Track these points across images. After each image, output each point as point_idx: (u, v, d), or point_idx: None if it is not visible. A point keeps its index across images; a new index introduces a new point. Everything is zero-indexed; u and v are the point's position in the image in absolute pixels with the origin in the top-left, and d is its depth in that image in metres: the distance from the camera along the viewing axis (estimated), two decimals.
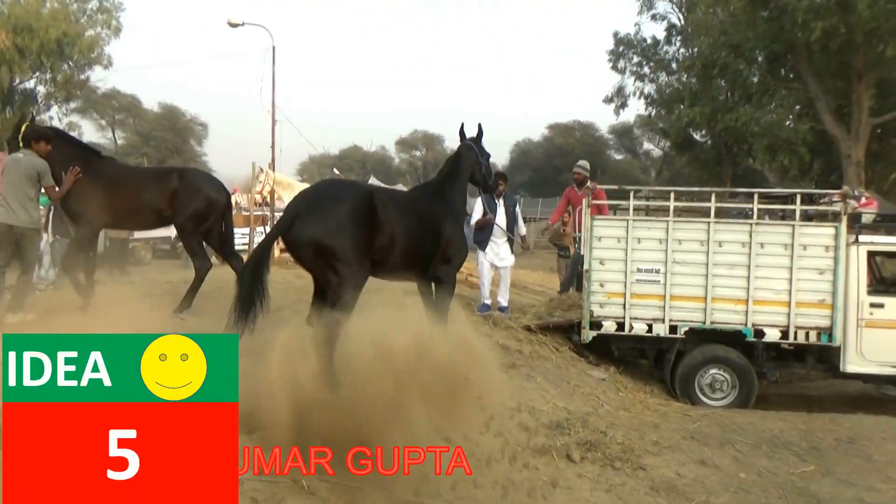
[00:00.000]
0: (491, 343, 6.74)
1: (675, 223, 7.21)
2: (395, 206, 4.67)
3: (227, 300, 7.12)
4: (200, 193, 6.66)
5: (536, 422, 5.41)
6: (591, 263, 7.30)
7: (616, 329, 7.28)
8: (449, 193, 5.21)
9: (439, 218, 4.96)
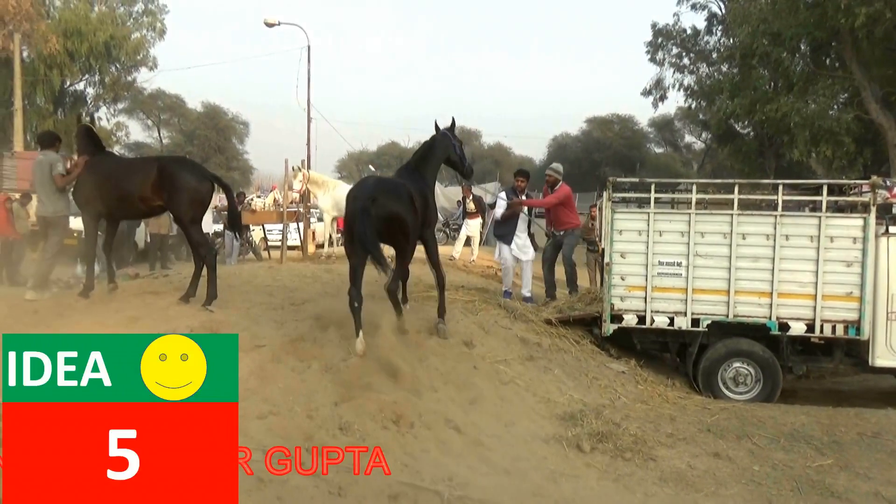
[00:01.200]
0: (510, 336, 6.83)
1: (697, 215, 7.15)
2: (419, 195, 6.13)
3: (254, 293, 7.40)
4: (180, 182, 6.65)
5: (550, 412, 5.49)
6: (611, 257, 7.30)
7: (637, 322, 7.26)
8: (423, 171, 6.57)
9: (423, 192, 6.27)
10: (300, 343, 5.47)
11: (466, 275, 12.33)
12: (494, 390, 5.56)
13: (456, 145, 6.82)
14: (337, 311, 6.63)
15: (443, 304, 6.54)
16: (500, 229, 8.79)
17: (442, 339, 6.19)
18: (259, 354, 5.18)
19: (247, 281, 8.45)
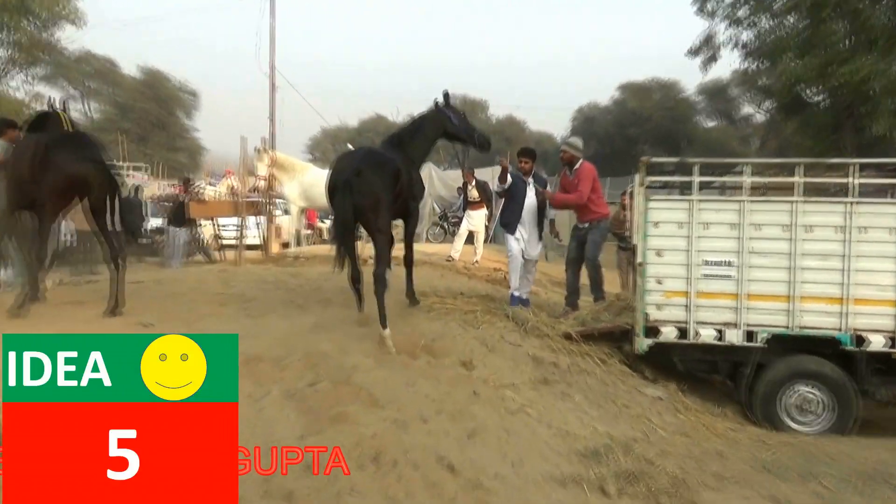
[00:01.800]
0: (520, 354, 6.88)
1: (751, 203, 7.19)
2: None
3: (202, 303, 7.45)
4: (53, 163, 6.81)
5: (568, 448, 5.52)
6: (645, 255, 7.33)
7: (678, 336, 7.30)
8: (408, 150, 7.65)
9: (408, 169, 7.36)
10: (257, 364, 5.51)
11: (468, 279, 12.37)
12: (499, 421, 5.59)
13: (452, 116, 7.78)
14: (305, 325, 6.69)
15: (411, 283, 8.05)
16: (505, 217, 8.84)
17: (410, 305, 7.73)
18: None
19: (194, 288, 8.50)
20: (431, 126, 8.04)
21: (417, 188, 7.82)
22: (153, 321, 6.74)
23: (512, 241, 8.81)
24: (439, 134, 8.12)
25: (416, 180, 7.82)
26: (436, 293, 8.88)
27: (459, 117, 8.11)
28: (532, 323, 7.64)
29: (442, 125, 8.03)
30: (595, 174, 8.90)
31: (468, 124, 8.24)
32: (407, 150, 7.72)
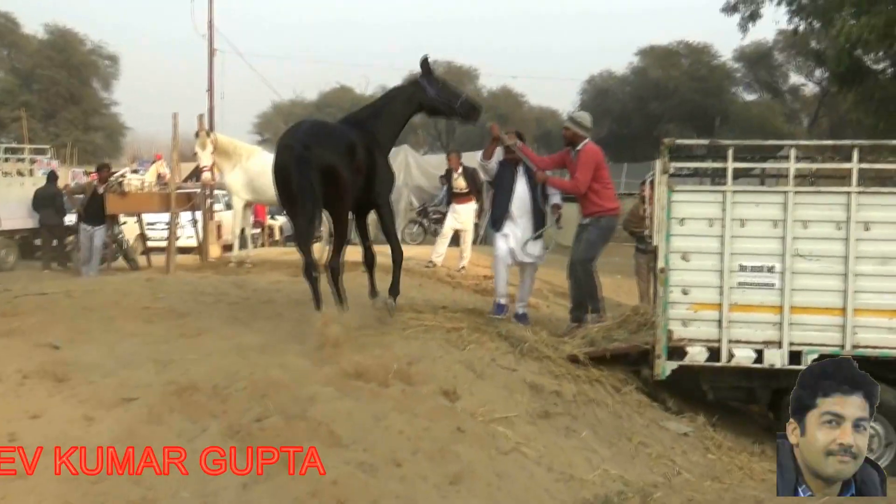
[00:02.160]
0: (514, 381, 6.91)
1: (797, 195, 7.28)
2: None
3: (124, 319, 7.44)
4: None
5: (573, 496, 5.56)
6: (668, 259, 7.41)
7: (708, 358, 7.38)
8: (374, 128, 8.06)
9: (370, 148, 7.81)
10: (192, 394, 5.51)
11: (452, 289, 12.43)
12: (489, 463, 5.61)
13: (428, 87, 8.24)
14: (251, 346, 6.71)
15: (397, 281, 8.38)
16: (494, 211, 8.96)
17: (386, 312, 8.08)
18: (129, 412, 5.20)
19: (114, 301, 8.47)
20: (401, 101, 8.46)
21: (384, 175, 8.15)
22: (61, 342, 6.72)
23: (499, 239, 8.87)
24: (412, 109, 8.49)
25: (383, 166, 8.14)
26: (413, 307, 8.91)
27: (438, 87, 8.40)
28: (530, 343, 7.68)
29: (415, 99, 8.40)
30: (600, 159, 8.89)
31: (450, 92, 8.53)
32: (369, 129, 8.04)
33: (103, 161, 20.04)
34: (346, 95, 56.13)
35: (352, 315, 7.64)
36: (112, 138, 50.47)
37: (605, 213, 8.89)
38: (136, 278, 11.19)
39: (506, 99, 54.84)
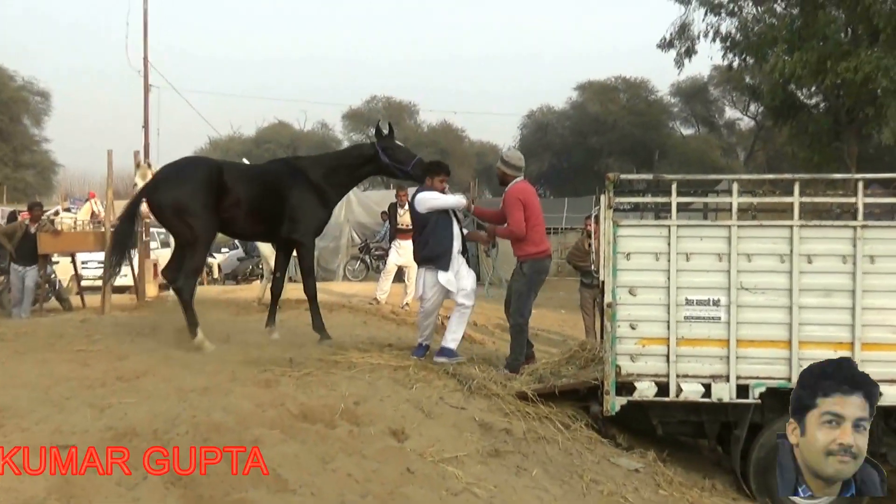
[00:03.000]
0: (464, 419, 6.87)
1: (741, 229, 7.37)
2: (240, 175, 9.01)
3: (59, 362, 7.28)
4: None
5: None
6: (615, 293, 7.44)
7: (657, 393, 7.39)
8: (310, 167, 9.31)
9: (285, 186, 9.01)
10: (131, 441, 5.37)
11: (397, 326, 12.38)
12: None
13: (381, 152, 9.19)
14: (193, 388, 6.58)
15: (317, 316, 9.35)
16: (430, 247, 8.64)
17: (323, 344, 8.81)
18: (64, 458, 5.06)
19: (48, 343, 8.29)
20: (354, 156, 9.69)
21: (303, 215, 9.11)
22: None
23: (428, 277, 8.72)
24: (367, 168, 9.56)
25: (303, 206, 9.10)
26: (358, 345, 8.84)
27: (393, 152, 9.27)
28: (478, 380, 7.65)
29: (367, 159, 9.43)
30: (526, 196, 8.68)
31: (403, 155, 9.34)
32: (298, 172, 9.22)
33: (35, 199, 19.59)
34: (284, 131, 56.08)
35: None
36: (43, 175, 49.64)
37: (531, 257, 8.67)
38: (70, 319, 10.96)
39: (446, 134, 55.25)
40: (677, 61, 29.85)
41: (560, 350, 9.99)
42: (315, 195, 9.16)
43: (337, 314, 12.50)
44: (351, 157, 9.72)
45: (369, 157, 9.36)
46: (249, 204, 8.82)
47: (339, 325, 11.21)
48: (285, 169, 9.38)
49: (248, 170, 10.15)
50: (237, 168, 9.55)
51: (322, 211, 9.30)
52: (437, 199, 8.61)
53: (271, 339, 9.13)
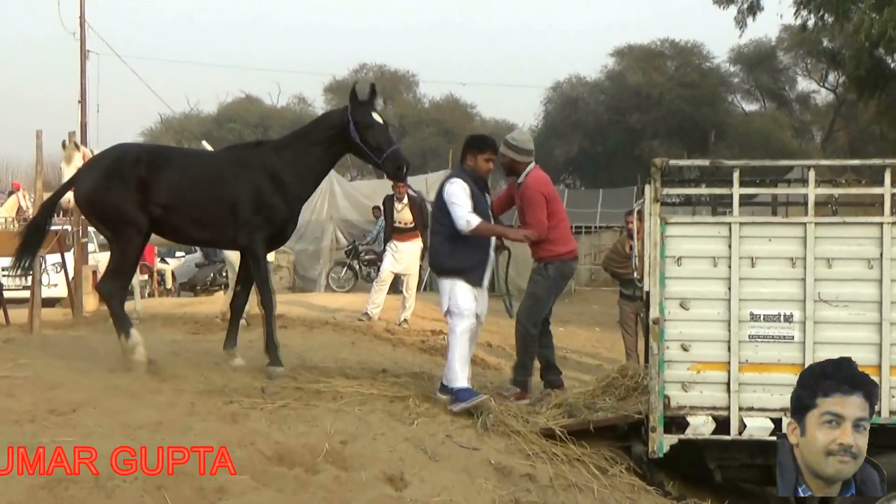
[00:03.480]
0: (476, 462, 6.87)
1: (819, 227, 7.36)
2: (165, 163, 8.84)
3: None
4: None
5: None
6: (663, 307, 7.43)
7: (715, 430, 7.37)
8: (272, 149, 9.11)
9: (228, 179, 8.73)
10: (68, 487, 5.40)
11: (393, 347, 12.37)
12: None
13: (351, 125, 8.66)
14: (144, 423, 6.60)
15: (270, 336, 8.82)
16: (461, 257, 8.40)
17: (270, 379, 8.31)
18: None
19: None
20: (320, 131, 9.11)
21: (249, 210, 8.75)
22: None
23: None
24: (334, 143, 8.98)
25: (250, 198, 8.76)
26: (345, 371, 8.85)
27: (368, 130, 8.70)
28: (494, 414, 7.64)
29: (335, 133, 8.91)
30: (548, 189, 8.86)
31: (383, 138, 8.77)
32: (264, 156, 9.01)
33: None
34: (252, 107, 56.18)
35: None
36: None
37: (559, 258, 8.86)
38: None
39: (452, 110, 55.19)
40: (738, 20, 29.77)
41: (595, 377, 9.99)
42: (269, 189, 8.81)
43: (318, 333, 12.51)
44: (320, 130, 9.11)
45: (337, 130, 8.87)
46: (181, 201, 8.79)
47: (320, 346, 11.22)
48: (235, 156, 9.24)
49: (186, 157, 9.81)
50: (170, 155, 9.49)
51: (280, 209, 8.90)
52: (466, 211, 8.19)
53: (233, 367, 8.91)
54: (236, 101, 57.51)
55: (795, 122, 52.20)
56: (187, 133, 50.35)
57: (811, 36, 31.91)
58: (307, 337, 10.30)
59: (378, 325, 14.17)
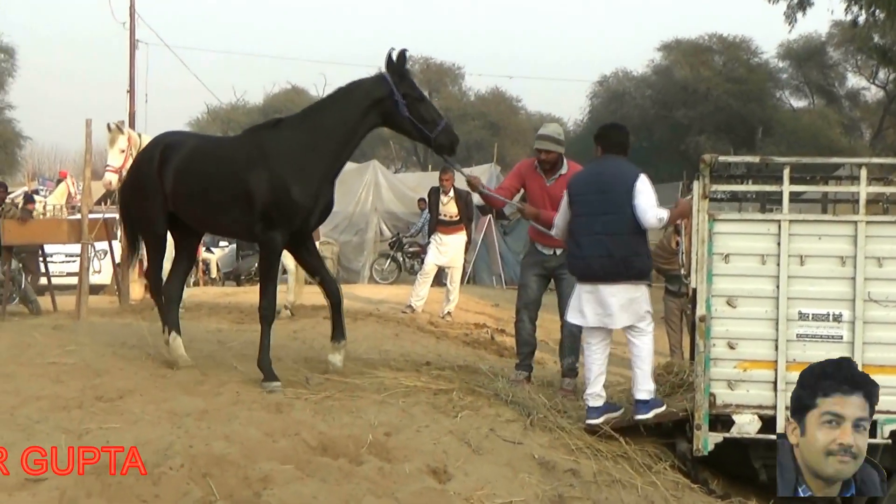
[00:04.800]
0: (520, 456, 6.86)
1: (869, 225, 7.30)
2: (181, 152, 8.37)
3: (26, 378, 7.39)
4: None
5: None
6: (710, 305, 7.39)
7: (760, 429, 7.33)
8: (281, 134, 8.15)
9: (243, 166, 7.97)
10: (112, 474, 5.44)
11: (436, 340, 12.39)
12: None
13: (396, 93, 7.86)
14: (190, 411, 6.64)
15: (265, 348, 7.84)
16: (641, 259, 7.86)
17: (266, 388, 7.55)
18: (36, 496, 5.14)
19: (13, 355, 8.38)
20: (351, 102, 8.08)
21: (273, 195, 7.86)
22: None
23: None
24: (366, 116, 8.07)
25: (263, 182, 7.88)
26: (389, 363, 8.86)
27: (412, 97, 8.01)
28: (539, 409, 7.63)
29: (372, 102, 8.01)
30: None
31: (433, 113, 8.20)
32: (285, 133, 8.15)
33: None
34: (298, 98, 56.24)
35: None
36: (6, 150, 50.20)
37: None
38: (39, 326, 11.05)
39: (497, 105, 55.12)
40: (788, 15, 29.58)
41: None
42: (289, 178, 7.87)
43: (362, 324, 12.53)
44: (351, 101, 8.08)
45: (375, 102, 7.97)
46: (196, 190, 8.21)
47: (364, 337, 11.25)
48: (251, 140, 8.30)
49: (203, 142, 9.23)
50: (186, 141, 8.80)
51: (301, 201, 7.96)
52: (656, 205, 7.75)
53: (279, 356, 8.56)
54: (283, 93, 57.74)
55: (844, 119, 51.59)
56: (234, 124, 50.53)
57: (862, 32, 31.64)
58: (351, 329, 10.29)
59: (422, 317, 14.18)
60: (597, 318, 7.66)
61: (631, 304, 7.59)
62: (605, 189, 7.63)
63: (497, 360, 11.24)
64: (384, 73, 7.99)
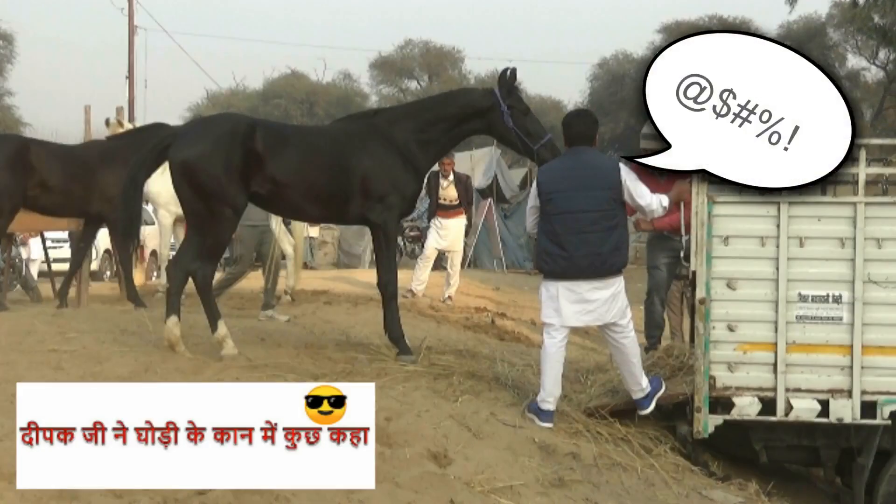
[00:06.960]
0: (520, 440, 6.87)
1: (869, 207, 7.29)
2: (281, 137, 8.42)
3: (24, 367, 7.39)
4: None
5: None
6: (710, 287, 7.39)
7: (760, 411, 7.34)
8: (386, 125, 8.65)
9: (349, 151, 8.44)
10: None
11: (437, 324, 12.36)
12: None
13: (504, 109, 8.41)
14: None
15: (395, 321, 8.69)
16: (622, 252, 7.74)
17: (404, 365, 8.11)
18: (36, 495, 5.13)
19: (14, 342, 8.37)
20: (454, 107, 8.80)
21: (382, 182, 8.46)
22: None
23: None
24: (466, 121, 8.72)
25: (383, 169, 8.46)
26: (389, 347, 8.85)
27: (517, 109, 8.53)
28: None
29: (476, 112, 8.67)
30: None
31: (538, 127, 8.66)
32: (391, 123, 8.70)
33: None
34: (298, 83, 56.24)
35: None
36: None
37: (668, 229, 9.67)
38: (39, 313, 11.03)
39: None
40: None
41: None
42: (401, 162, 8.55)
43: (363, 309, 12.51)
44: (455, 106, 8.81)
45: (480, 111, 8.62)
46: (301, 176, 8.37)
47: (364, 322, 11.22)
48: (357, 127, 8.82)
49: (301, 131, 9.61)
50: (283, 128, 9.18)
51: (412, 182, 8.72)
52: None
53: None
54: (282, 77, 57.56)
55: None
56: (233, 109, 50.45)
57: (862, 12, 31.68)
58: (351, 313, 10.31)
59: (422, 301, 14.16)
60: (575, 317, 7.48)
61: (615, 299, 7.45)
62: (587, 185, 7.42)
63: (498, 344, 11.23)
64: (493, 88, 8.67)
